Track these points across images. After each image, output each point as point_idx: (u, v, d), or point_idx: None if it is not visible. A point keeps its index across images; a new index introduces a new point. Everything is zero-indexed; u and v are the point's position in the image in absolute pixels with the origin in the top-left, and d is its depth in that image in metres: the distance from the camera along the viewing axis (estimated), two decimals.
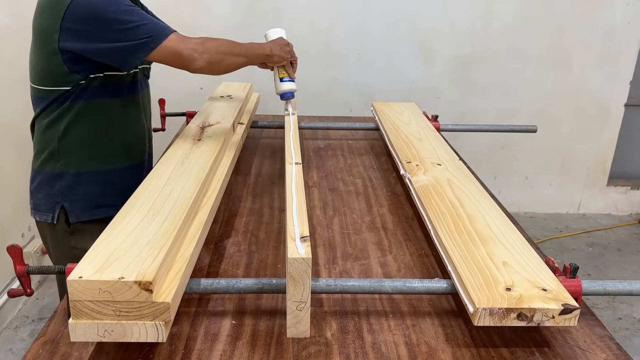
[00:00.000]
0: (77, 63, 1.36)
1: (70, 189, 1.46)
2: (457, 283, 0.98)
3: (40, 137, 1.47)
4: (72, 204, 1.47)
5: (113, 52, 1.33)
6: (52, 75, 1.38)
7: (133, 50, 1.33)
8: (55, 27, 1.31)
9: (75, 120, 1.42)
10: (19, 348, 2.34)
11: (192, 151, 1.43)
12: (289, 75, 1.70)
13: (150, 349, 0.92)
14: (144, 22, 1.33)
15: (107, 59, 1.36)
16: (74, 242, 1.49)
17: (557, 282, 0.95)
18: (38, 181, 1.49)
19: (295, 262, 0.86)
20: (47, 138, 1.45)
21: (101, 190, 1.49)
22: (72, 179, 1.46)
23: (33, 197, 1.51)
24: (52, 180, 1.47)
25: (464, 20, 3.32)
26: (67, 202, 1.47)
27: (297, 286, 0.87)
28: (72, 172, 1.46)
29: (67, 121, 1.42)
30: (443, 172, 1.45)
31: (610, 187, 3.80)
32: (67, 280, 0.82)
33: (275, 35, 1.72)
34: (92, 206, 1.48)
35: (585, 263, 3.20)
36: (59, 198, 1.47)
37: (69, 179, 1.46)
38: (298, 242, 0.91)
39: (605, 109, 3.59)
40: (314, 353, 0.92)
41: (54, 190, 1.47)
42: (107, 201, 1.48)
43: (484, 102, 3.50)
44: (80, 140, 1.45)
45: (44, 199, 1.49)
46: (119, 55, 1.34)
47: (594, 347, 0.96)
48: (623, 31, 3.40)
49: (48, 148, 1.45)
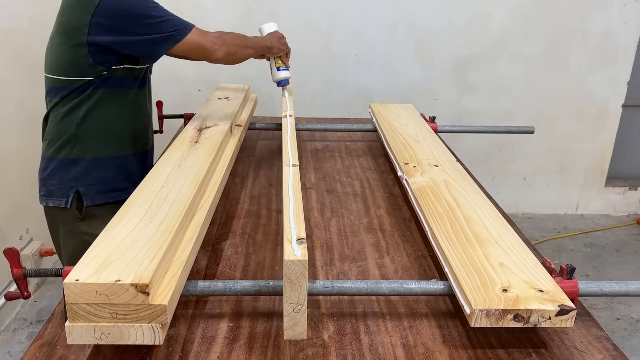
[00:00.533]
0: (102, 55, 1.47)
1: (85, 174, 1.54)
2: (454, 284, 0.98)
3: (56, 125, 1.53)
4: (86, 188, 1.54)
5: (142, 44, 1.47)
6: (76, 67, 1.47)
7: (161, 42, 1.47)
8: (85, 21, 1.42)
9: (94, 108, 1.52)
10: (17, 351, 2.34)
11: (190, 153, 1.43)
12: (285, 64, 1.87)
13: (147, 351, 0.92)
14: (170, 17, 1.49)
15: (135, 51, 1.49)
16: (84, 228, 1.55)
17: (554, 283, 0.96)
18: (52, 167, 1.55)
19: (291, 264, 0.86)
20: (63, 126, 1.52)
21: (114, 175, 1.58)
22: (88, 164, 1.54)
23: (45, 184, 1.56)
24: (68, 166, 1.54)
25: (461, 21, 3.33)
26: (82, 187, 1.54)
27: (293, 288, 0.87)
28: (88, 158, 1.54)
29: (87, 108, 1.51)
30: (440, 173, 1.45)
31: (608, 188, 3.81)
32: (64, 283, 0.82)
33: (270, 29, 1.87)
34: (106, 190, 1.57)
35: (584, 264, 3.20)
36: (74, 183, 1.54)
37: (84, 164, 1.54)
38: (295, 244, 0.91)
39: (603, 110, 3.60)
40: (311, 355, 0.92)
41: (69, 176, 1.54)
42: (119, 185, 1.58)
43: (482, 103, 3.51)
44: (97, 127, 1.53)
45: (57, 185, 1.55)
46: (147, 46, 1.48)
47: (590, 347, 0.96)
48: (620, 32, 3.41)
49: (64, 135, 1.52)
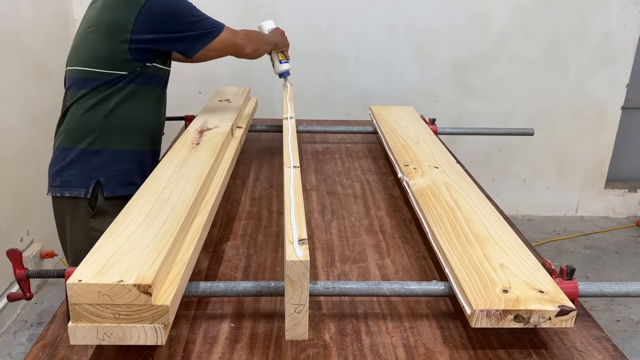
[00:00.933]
0: (141, 52, 1.56)
1: (107, 165, 1.58)
2: (455, 285, 0.99)
3: (80, 116, 1.57)
4: (107, 179, 1.57)
5: (184, 40, 1.61)
6: (113, 61, 1.55)
7: (200, 38, 1.63)
8: (130, 20, 1.52)
9: (123, 101, 1.58)
10: (18, 352, 2.34)
11: (191, 155, 1.43)
12: (286, 57, 2.03)
13: (150, 351, 0.92)
14: (206, 16, 1.64)
15: (176, 46, 1.62)
16: (96, 225, 1.56)
17: (554, 284, 0.96)
18: (71, 157, 1.57)
19: (293, 265, 0.87)
20: (89, 117, 1.56)
21: (133, 169, 1.63)
22: (110, 156, 1.58)
23: (61, 174, 1.58)
24: (89, 156, 1.57)
25: (461, 23, 3.34)
26: (103, 177, 1.57)
27: (295, 289, 0.88)
28: (111, 149, 1.58)
29: (116, 101, 1.57)
30: (440, 175, 1.46)
31: (607, 190, 3.81)
32: (67, 284, 0.83)
33: (270, 26, 2.02)
34: (125, 183, 1.60)
35: (583, 266, 3.20)
36: (95, 173, 1.57)
37: (106, 155, 1.58)
38: (296, 245, 0.92)
39: (602, 112, 3.60)
40: (312, 355, 0.92)
41: (90, 166, 1.57)
42: (137, 180, 1.59)
43: (482, 105, 3.52)
44: (123, 120, 1.59)
45: (77, 174, 1.57)
46: (188, 42, 1.62)
47: (590, 348, 0.96)
48: (619, 34, 3.42)
49: (88, 126, 1.56)
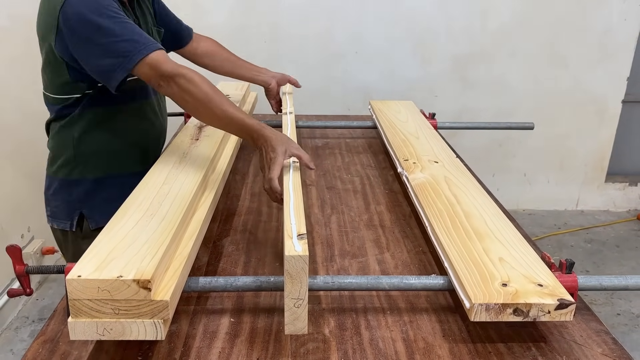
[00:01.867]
0: (79, 74, 1.30)
1: (88, 195, 1.44)
2: (454, 279, 0.99)
3: (56, 141, 1.44)
4: (90, 210, 1.44)
5: (99, 69, 1.25)
6: (59, 84, 1.35)
7: (111, 70, 1.22)
8: (51, 40, 1.26)
9: (89, 128, 1.40)
10: (20, 349, 2.35)
11: (190, 150, 1.43)
12: None
13: (150, 347, 0.92)
14: (125, 37, 1.21)
15: (96, 76, 1.28)
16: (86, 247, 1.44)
17: (553, 278, 0.96)
18: (55, 187, 1.47)
19: (292, 260, 0.87)
20: (62, 144, 1.43)
21: (120, 194, 1.38)
22: (91, 185, 1.44)
23: (50, 204, 1.49)
24: (70, 187, 1.45)
25: (461, 18, 3.33)
26: (86, 209, 1.44)
27: (294, 283, 0.88)
28: (90, 179, 1.44)
29: (81, 129, 1.39)
30: (440, 169, 1.46)
31: (608, 184, 3.81)
32: (66, 279, 0.83)
33: None
34: (111, 211, 1.38)
35: (584, 259, 3.20)
36: (78, 205, 1.45)
37: (87, 185, 1.44)
38: (295, 240, 0.92)
39: (602, 106, 3.60)
40: (312, 350, 0.93)
41: (72, 197, 1.45)
42: None
43: (482, 100, 3.51)
44: (97, 148, 1.42)
45: (61, 206, 1.46)
46: (104, 73, 1.24)
47: (590, 341, 0.96)
48: (620, 28, 3.41)
49: (64, 155, 1.43)
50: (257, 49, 3.30)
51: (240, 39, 3.28)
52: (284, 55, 3.34)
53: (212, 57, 1.86)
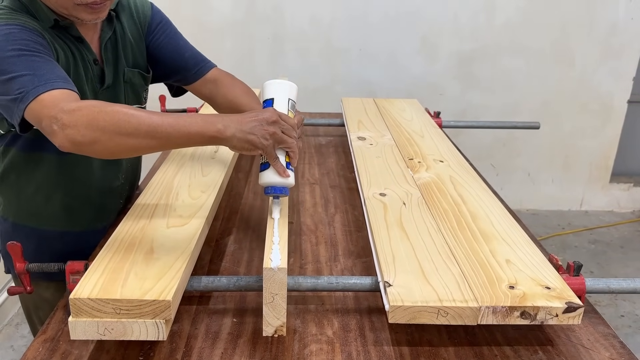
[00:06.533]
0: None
1: (7, 237, 1.28)
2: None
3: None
4: (5, 255, 1.26)
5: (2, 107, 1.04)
6: None
7: (10, 108, 1.00)
8: None
9: (10, 170, 1.22)
10: (20, 345, 2.34)
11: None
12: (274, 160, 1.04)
13: (151, 347, 0.91)
14: (24, 73, 0.98)
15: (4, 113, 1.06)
16: None
17: (561, 280, 0.95)
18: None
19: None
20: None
21: (34, 249, 1.25)
22: (10, 228, 1.29)
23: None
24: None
25: (466, 15, 3.31)
26: (4, 251, 1.28)
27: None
28: (10, 221, 1.28)
29: (3, 168, 1.23)
30: (445, 169, 1.44)
31: (612, 184, 3.79)
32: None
33: (268, 95, 1.11)
34: None
35: (588, 260, 3.19)
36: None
37: (7, 227, 1.29)
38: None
39: (608, 106, 3.57)
40: (315, 351, 0.91)
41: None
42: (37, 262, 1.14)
43: (486, 98, 3.49)
44: (16, 192, 1.25)
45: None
46: (5, 111, 1.04)
47: (597, 345, 0.95)
48: (626, 27, 3.38)
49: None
50: (261, 46, 3.29)
51: (244, 36, 3.26)
52: (287, 52, 3.33)
53: None
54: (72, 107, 0.94)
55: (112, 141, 0.93)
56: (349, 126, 1.83)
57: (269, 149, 1.01)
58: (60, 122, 0.92)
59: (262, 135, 0.99)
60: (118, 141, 0.93)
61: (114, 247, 0.98)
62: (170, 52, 1.34)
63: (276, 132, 1.01)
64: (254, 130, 0.99)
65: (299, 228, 1.33)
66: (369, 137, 1.70)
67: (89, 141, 0.92)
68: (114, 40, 1.24)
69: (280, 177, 1.05)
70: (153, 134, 0.94)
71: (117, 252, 0.96)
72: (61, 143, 0.93)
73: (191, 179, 1.30)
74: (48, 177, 1.23)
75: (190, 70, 1.36)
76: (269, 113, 1.02)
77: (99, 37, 1.21)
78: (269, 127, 1.00)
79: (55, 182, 1.23)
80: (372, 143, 1.65)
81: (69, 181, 1.25)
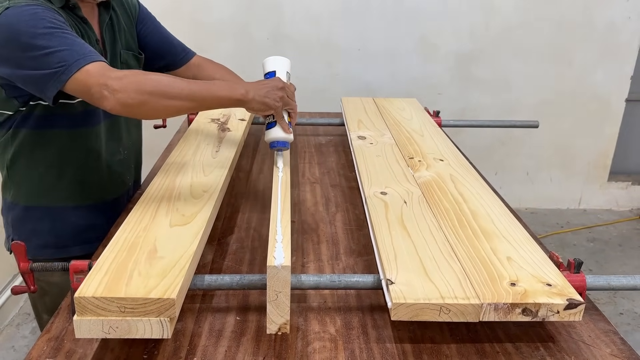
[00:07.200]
0: (12, 88, 1.19)
1: (19, 222, 1.35)
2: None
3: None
4: (19, 238, 1.29)
5: (31, 81, 1.13)
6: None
7: (46, 81, 1.09)
8: None
9: (20, 151, 1.28)
10: (21, 345, 2.34)
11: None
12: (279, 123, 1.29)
13: (155, 345, 0.92)
14: (61, 48, 1.08)
15: (30, 88, 1.16)
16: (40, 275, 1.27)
17: (562, 277, 0.95)
18: (2, 205, 1.41)
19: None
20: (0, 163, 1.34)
21: (49, 228, 1.34)
22: (21, 213, 1.34)
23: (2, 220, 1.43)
24: (7, 210, 1.37)
25: (465, 15, 3.32)
26: (16, 236, 1.35)
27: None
28: (21, 206, 1.34)
29: (13, 151, 1.28)
30: (446, 167, 1.45)
31: (611, 183, 3.80)
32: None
33: (270, 68, 1.36)
34: (38, 245, 1.33)
35: (587, 258, 3.20)
36: (11, 230, 1.38)
37: (18, 212, 1.35)
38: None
39: (606, 105, 3.59)
40: (318, 349, 0.92)
41: (8, 220, 1.38)
42: (54, 241, 1.35)
43: (485, 97, 3.50)
44: (27, 173, 1.30)
45: (4, 226, 1.41)
46: (36, 85, 1.13)
47: (598, 341, 0.96)
48: (624, 26, 3.39)
49: (2, 174, 1.35)
50: (260, 46, 3.29)
51: (243, 37, 3.27)
52: (287, 52, 3.33)
53: None
54: (119, 74, 1.08)
55: (158, 103, 1.09)
56: (349, 125, 1.84)
57: (279, 110, 1.25)
58: (111, 88, 1.05)
59: (274, 98, 1.22)
60: (163, 103, 1.10)
61: (117, 246, 0.98)
62: (158, 39, 1.51)
63: (284, 96, 1.24)
64: (268, 94, 1.21)
65: (300, 227, 1.33)
66: (369, 136, 1.71)
67: (138, 103, 1.07)
68: (110, 25, 1.36)
69: (284, 133, 1.28)
70: (192, 97, 1.12)
71: (120, 251, 0.96)
72: (112, 106, 1.07)
73: (193, 178, 1.31)
74: (60, 153, 1.30)
75: (178, 55, 1.54)
76: (277, 81, 1.25)
77: (98, 20, 1.33)
78: (278, 92, 1.23)
79: (67, 157, 1.31)
80: (372, 142, 1.66)
81: (80, 154, 1.33)
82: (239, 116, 1.83)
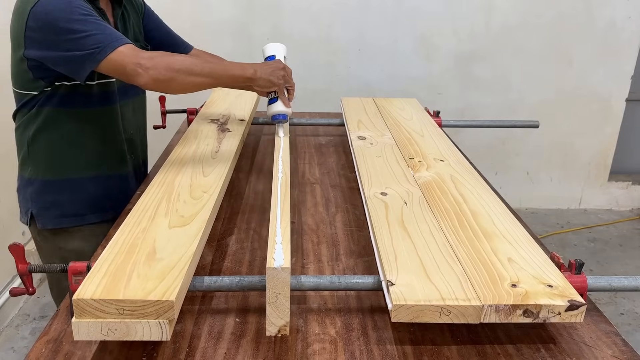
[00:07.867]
0: (40, 70, 1.33)
1: (38, 196, 1.47)
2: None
3: (17, 137, 1.48)
4: (39, 211, 1.47)
5: (67, 62, 1.28)
6: (21, 80, 1.38)
7: (81, 61, 1.25)
8: (21, 34, 1.29)
9: (43, 128, 1.41)
10: (21, 346, 2.34)
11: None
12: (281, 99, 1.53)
13: (154, 347, 0.91)
14: (95, 32, 1.25)
15: (61, 68, 1.31)
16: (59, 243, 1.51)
17: (563, 278, 0.95)
18: (19, 183, 1.53)
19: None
20: (20, 140, 1.47)
21: (68, 199, 1.47)
22: (40, 186, 1.46)
23: (18, 198, 1.54)
24: (26, 185, 1.49)
25: (464, 15, 3.31)
26: (35, 209, 1.48)
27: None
28: (40, 179, 1.46)
29: (36, 127, 1.41)
30: (446, 168, 1.44)
31: (611, 183, 3.80)
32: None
33: (270, 53, 1.59)
34: (57, 215, 1.47)
35: (587, 258, 3.19)
36: (29, 204, 1.48)
37: (37, 186, 1.46)
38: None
39: (606, 104, 3.58)
40: (318, 350, 0.91)
41: (27, 195, 1.49)
42: (73, 210, 1.48)
43: (485, 97, 3.50)
44: (48, 149, 1.43)
45: (21, 202, 1.52)
46: (72, 65, 1.28)
47: (599, 343, 0.95)
48: (624, 26, 3.39)
49: (21, 152, 1.47)
50: (260, 46, 3.28)
51: (243, 37, 3.26)
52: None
53: None
54: (150, 55, 1.27)
55: (184, 80, 1.28)
56: (349, 126, 1.83)
57: (281, 87, 1.49)
58: (144, 66, 1.23)
59: (277, 77, 1.45)
60: (189, 79, 1.29)
61: (116, 248, 0.98)
62: (162, 33, 1.71)
63: (285, 74, 1.48)
64: (273, 73, 1.45)
65: (300, 228, 1.33)
66: (369, 137, 1.70)
67: (167, 79, 1.25)
68: (122, 18, 1.52)
69: (285, 107, 1.53)
70: (212, 75, 1.33)
71: (119, 253, 0.96)
72: (146, 82, 1.24)
73: (192, 179, 1.30)
74: (81, 128, 1.44)
75: (180, 46, 1.74)
76: (278, 63, 1.50)
77: (112, 14, 1.48)
78: (281, 71, 1.46)
79: (87, 133, 1.45)
80: (372, 142, 1.65)
81: (99, 129, 1.47)
82: (238, 116, 1.83)
